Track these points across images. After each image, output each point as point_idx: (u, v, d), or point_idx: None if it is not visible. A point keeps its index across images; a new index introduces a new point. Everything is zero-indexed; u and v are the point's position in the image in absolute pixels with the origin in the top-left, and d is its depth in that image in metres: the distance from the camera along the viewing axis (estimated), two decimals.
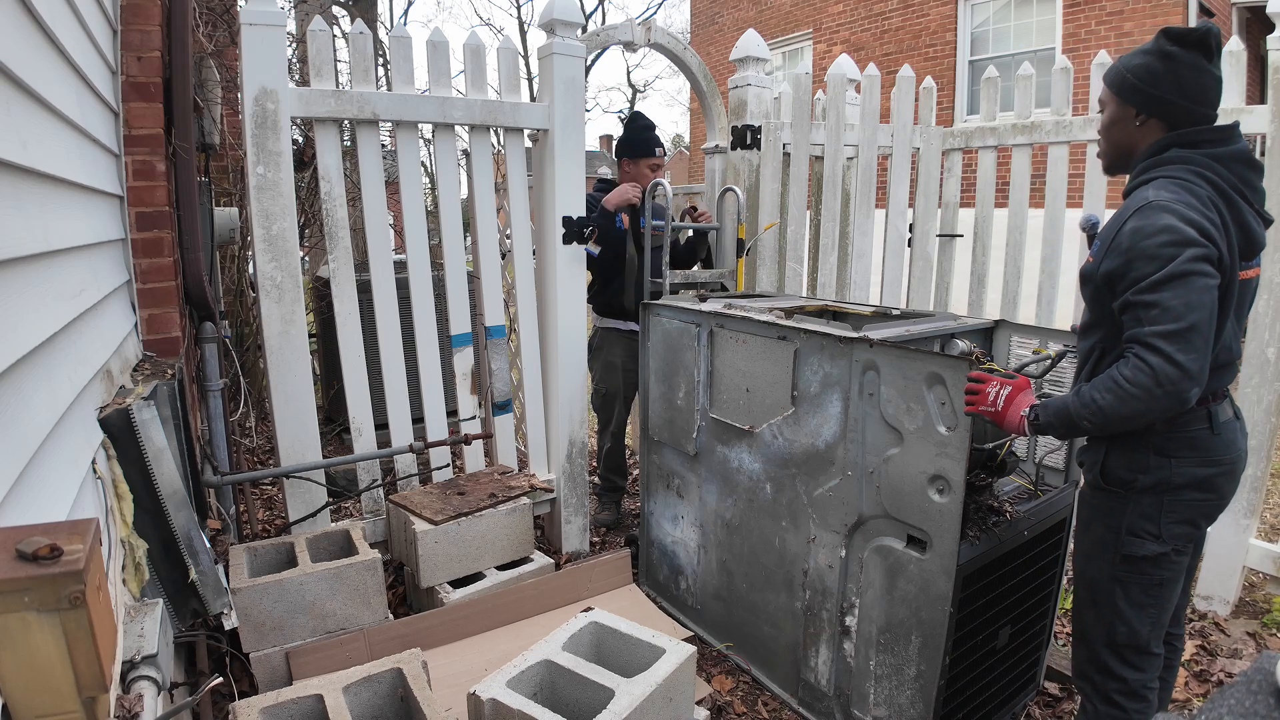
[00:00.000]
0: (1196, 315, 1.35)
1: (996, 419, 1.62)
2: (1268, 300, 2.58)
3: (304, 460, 2.52)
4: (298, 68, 5.62)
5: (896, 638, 1.92)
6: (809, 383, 2.07)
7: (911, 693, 1.90)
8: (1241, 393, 2.66)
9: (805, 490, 2.11)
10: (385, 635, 2.15)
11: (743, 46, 3.32)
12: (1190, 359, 1.35)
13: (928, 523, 1.79)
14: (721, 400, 2.38)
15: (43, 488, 1.06)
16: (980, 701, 2.02)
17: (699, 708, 1.84)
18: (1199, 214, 1.39)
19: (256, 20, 2.27)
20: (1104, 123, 1.62)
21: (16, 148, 1.06)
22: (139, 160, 2.04)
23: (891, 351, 1.83)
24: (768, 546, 2.27)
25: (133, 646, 1.33)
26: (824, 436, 2.04)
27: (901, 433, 1.82)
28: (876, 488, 1.91)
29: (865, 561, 1.97)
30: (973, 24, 9.12)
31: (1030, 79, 3.39)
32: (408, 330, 2.67)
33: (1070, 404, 1.51)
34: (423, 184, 2.95)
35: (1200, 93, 1.48)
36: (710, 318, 2.37)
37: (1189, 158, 1.47)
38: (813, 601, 2.13)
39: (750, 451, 2.29)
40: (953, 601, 1.76)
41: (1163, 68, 1.48)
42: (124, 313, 1.88)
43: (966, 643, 1.88)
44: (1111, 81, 1.58)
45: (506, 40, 3.02)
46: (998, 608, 1.96)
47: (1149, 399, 1.38)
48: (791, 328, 2.12)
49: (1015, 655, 2.11)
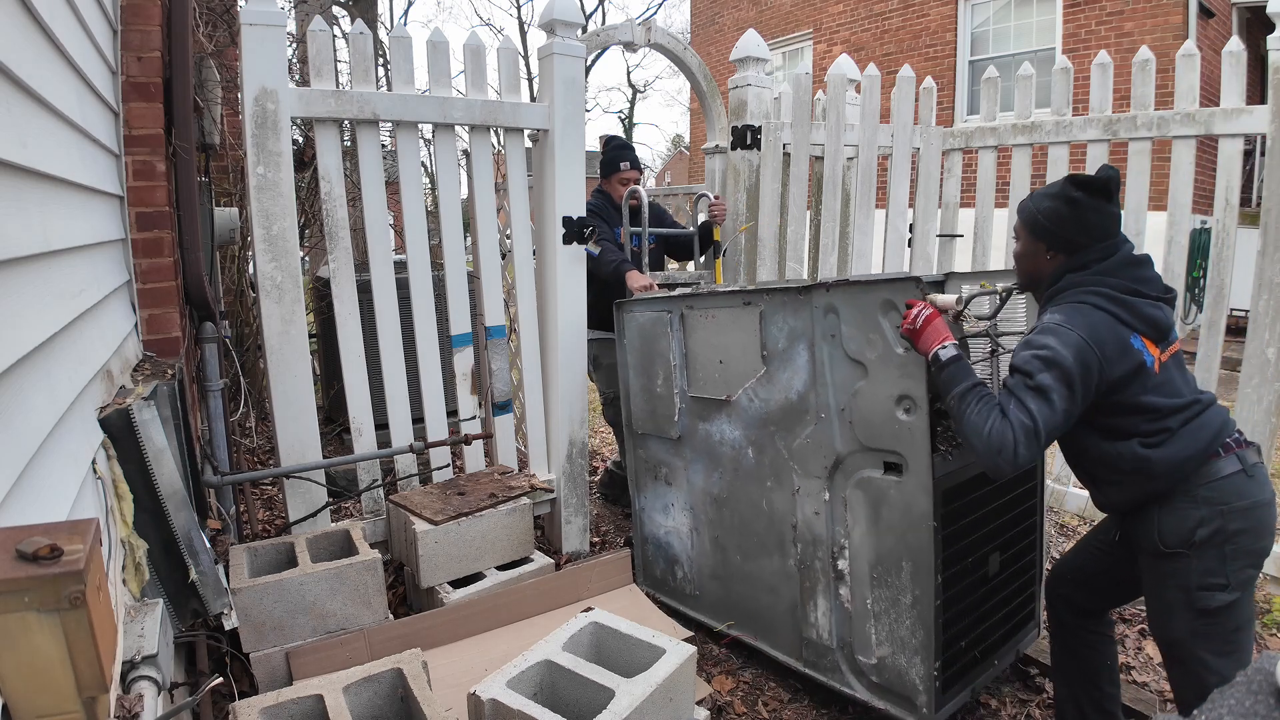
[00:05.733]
0: (1052, 431, 1.60)
1: (913, 338, 1.80)
2: (1268, 300, 2.58)
3: (304, 460, 2.52)
4: (298, 68, 5.62)
5: (888, 569, 1.98)
6: (776, 340, 2.18)
7: (910, 622, 1.95)
8: (1241, 393, 2.66)
9: (785, 445, 2.20)
10: (385, 635, 2.15)
11: (743, 47, 3.32)
12: (1028, 455, 1.59)
13: (900, 444, 1.90)
14: (698, 378, 2.46)
15: (43, 488, 1.06)
16: (981, 633, 2.07)
17: (699, 708, 1.84)
18: (1085, 333, 1.61)
19: (256, 20, 2.27)
20: (1017, 252, 1.85)
21: (17, 148, 1.06)
22: (139, 160, 2.04)
23: (847, 289, 1.97)
24: (756, 511, 2.33)
25: (133, 646, 1.33)
26: (796, 388, 2.14)
27: (865, 365, 1.95)
28: (850, 423, 2.01)
29: (849, 500, 2.06)
30: (973, 24, 9.12)
31: (1030, 79, 3.39)
32: (408, 330, 2.67)
33: (960, 389, 1.69)
34: (423, 184, 2.95)
35: (1101, 231, 1.70)
36: (680, 301, 2.48)
37: (1080, 280, 1.69)
38: (805, 555, 2.19)
39: (730, 420, 2.37)
40: (935, 516, 1.85)
41: (1069, 212, 1.71)
42: (124, 313, 1.88)
43: (956, 565, 1.95)
44: (1026, 221, 1.79)
45: (506, 40, 3.02)
46: (983, 530, 2.04)
47: (985, 447, 1.61)
48: (754, 291, 2.25)
49: (1009, 587, 2.17)
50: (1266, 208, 2.58)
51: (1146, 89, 2.98)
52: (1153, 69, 2.98)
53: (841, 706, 2.34)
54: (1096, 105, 3.11)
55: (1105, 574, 1.93)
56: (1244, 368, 2.65)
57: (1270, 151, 2.57)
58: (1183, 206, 2.89)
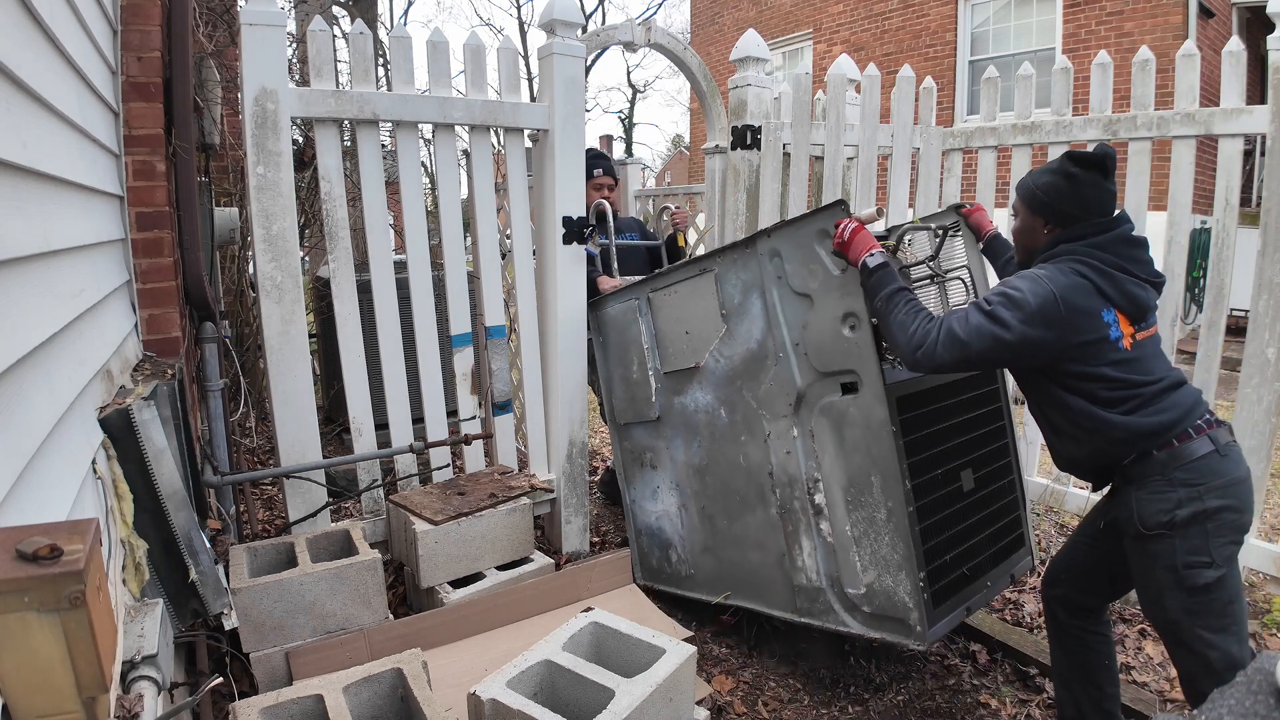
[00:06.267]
0: (976, 345, 1.67)
1: (844, 250, 1.94)
2: (1268, 300, 2.58)
3: (304, 460, 2.52)
4: (298, 68, 5.62)
5: (860, 488, 2.07)
6: (732, 297, 2.34)
7: (889, 537, 2.01)
8: (1241, 393, 2.66)
9: (752, 394, 2.33)
10: (385, 635, 2.15)
11: (743, 47, 3.32)
12: (947, 357, 1.69)
13: (851, 360, 2.03)
14: (669, 354, 2.60)
15: (43, 488, 1.06)
16: (967, 550, 2.13)
17: (699, 708, 1.84)
18: (1059, 289, 1.66)
19: (256, 20, 2.27)
20: (1016, 228, 1.91)
21: (17, 148, 1.06)
22: (139, 160, 2.04)
23: (785, 228, 2.15)
24: (735, 469, 2.43)
25: (133, 646, 1.33)
26: (755, 336, 2.29)
27: (811, 296, 2.11)
28: (805, 355, 2.15)
29: (815, 430, 2.17)
30: (973, 24, 9.12)
31: (1030, 79, 3.39)
32: (408, 330, 2.67)
33: (887, 290, 1.81)
34: (423, 184, 2.95)
35: (1098, 205, 1.75)
36: (644, 287, 2.66)
37: (1073, 250, 1.74)
38: (784, 499, 2.28)
39: (701, 386, 2.50)
40: (893, 421, 1.96)
41: (1067, 186, 1.75)
42: (124, 313, 1.88)
43: (924, 475, 2.04)
44: (1024, 196, 1.85)
45: (506, 40, 3.02)
46: (949, 444, 2.14)
47: (906, 342, 1.74)
48: (706, 256, 2.42)
49: (990, 506, 2.25)
50: (1266, 208, 2.58)
51: (1146, 89, 2.98)
52: (1153, 69, 2.98)
53: (842, 706, 2.34)
54: (1096, 105, 3.11)
55: (1096, 568, 1.94)
56: (1244, 368, 2.65)
57: (1270, 151, 2.57)
58: (1183, 206, 2.89)
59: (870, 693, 2.39)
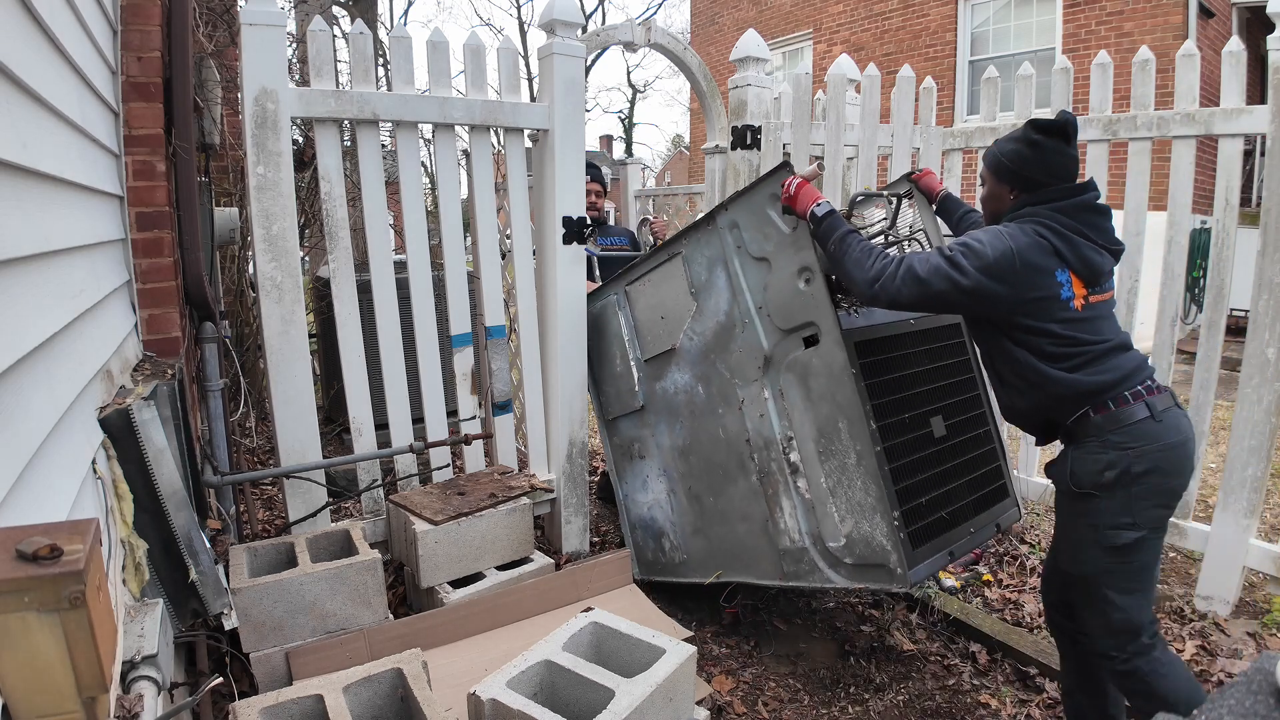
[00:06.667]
0: (934, 284, 1.73)
1: (792, 204, 2.04)
2: (1268, 300, 2.58)
3: (304, 460, 2.52)
4: (298, 68, 5.62)
5: (830, 436, 2.11)
6: (699, 274, 2.44)
7: (861, 481, 2.05)
8: (1241, 393, 2.66)
9: (725, 365, 2.40)
10: (385, 635, 2.15)
11: (743, 47, 3.32)
12: (905, 291, 1.76)
13: (809, 312, 2.11)
14: (648, 341, 2.69)
15: (43, 488, 1.06)
16: (944, 495, 2.16)
17: (699, 708, 1.84)
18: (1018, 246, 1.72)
19: (256, 20, 2.27)
20: (983, 195, 1.96)
21: (17, 148, 1.06)
22: (139, 160, 2.04)
23: (739, 197, 2.26)
24: (716, 443, 2.47)
25: (133, 646, 1.33)
26: (722, 308, 2.38)
27: (769, 259, 2.21)
28: (768, 316, 2.24)
29: (784, 388, 2.23)
30: (973, 24, 9.12)
31: (1030, 79, 3.39)
32: (408, 330, 2.67)
33: (839, 233, 1.90)
34: (423, 184, 2.95)
35: (1061, 171, 1.80)
36: (620, 282, 2.76)
37: (1036, 212, 1.80)
38: (762, 462, 2.33)
39: (679, 367, 2.57)
40: (853, 364, 2.02)
41: (1031, 153, 1.80)
42: (124, 313, 1.88)
43: (891, 417, 2.09)
44: (990, 164, 1.90)
45: (506, 40, 3.02)
46: (914, 389, 2.20)
47: (863, 275, 1.82)
48: (673, 239, 2.52)
49: (966, 454, 2.29)
50: (1266, 208, 2.58)
51: (1146, 89, 2.98)
52: (1153, 69, 2.98)
53: (842, 707, 2.34)
54: (1096, 105, 3.11)
55: None
56: (1244, 368, 2.65)
57: (1270, 151, 2.57)
58: (1183, 206, 2.89)
59: (870, 693, 2.39)
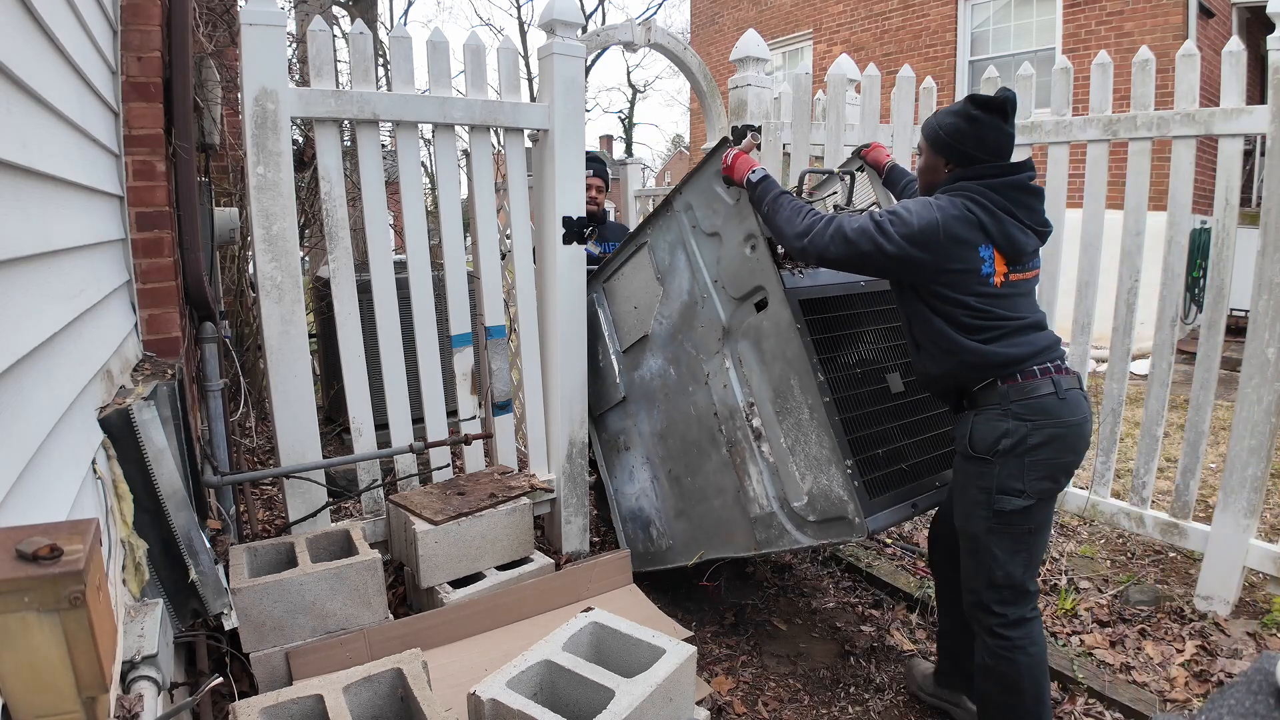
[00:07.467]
0: (860, 245, 1.82)
1: (731, 174, 2.17)
2: (1268, 300, 2.57)
3: (304, 460, 2.52)
4: (298, 68, 5.62)
5: (784, 394, 2.19)
6: (663, 260, 2.57)
7: (815, 434, 2.11)
8: (1241, 393, 2.66)
9: (690, 342, 2.50)
10: (385, 635, 2.15)
11: (743, 47, 3.32)
12: (833, 249, 1.85)
13: (756, 277, 2.21)
14: (624, 332, 2.82)
15: (43, 488, 1.06)
16: (903, 447, 2.21)
17: (699, 708, 1.84)
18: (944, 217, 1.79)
19: (256, 20, 2.27)
20: (920, 166, 2.01)
21: (17, 148, 1.06)
22: (139, 160, 2.04)
23: (691, 178, 2.38)
24: (689, 421, 2.56)
25: (133, 646, 1.33)
26: (684, 288, 2.50)
27: (719, 233, 2.32)
28: (723, 288, 2.34)
29: (741, 355, 2.32)
30: (973, 24, 9.12)
31: (1030, 79, 3.39)
32: (408, 330, 2.67)
33: (772, 194, 2.01)
34: (423, 184, 2.95)
35: (997, 147, 1.85)
36: (597, 279, 2.90)
37: (968, 187, 1.85)
38: (730, 432, 2.40)
39: (652, 352, 2.68)
40: (798, 319, 2.10)
41: (968, 128, 1.84)
42: (124, 313, 1.88)
43: (842, 371, 2.16)
44: (928, 136, 1.94)
45: (506, 40, 3.02)
46: (870, 346, 2.30)
47: (793, 231, 1.92)
48: (638, 229, 2.65)
49: (927, 410, 2.34)
50: (1266, 208, 2.58)
51: (1146, 89, 2.98)
52: (1153, 69, 2.98)
53: (842, 707, 2.34)
54: (1096, 105, 3.11)
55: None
56: (1244, 368, 2.65)
57: (1270, 151, 2.57)
58: (1183, 206, 2.89)
59: (870, 693, 2.39)
